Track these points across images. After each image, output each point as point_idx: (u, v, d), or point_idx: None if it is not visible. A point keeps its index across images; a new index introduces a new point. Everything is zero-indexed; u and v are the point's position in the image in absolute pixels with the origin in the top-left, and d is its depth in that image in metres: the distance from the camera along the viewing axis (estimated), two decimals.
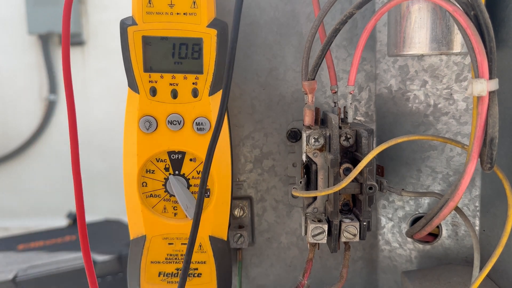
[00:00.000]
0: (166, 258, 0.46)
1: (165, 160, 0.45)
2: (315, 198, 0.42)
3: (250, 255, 0.54)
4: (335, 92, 0.44)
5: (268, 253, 0.54)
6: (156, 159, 0.44)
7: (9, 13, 1.82)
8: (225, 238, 0.47)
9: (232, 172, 0.46)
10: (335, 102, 0.44)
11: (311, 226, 0.40)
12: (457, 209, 0.40)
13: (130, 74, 0.42)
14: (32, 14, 1.79)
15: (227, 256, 0.47)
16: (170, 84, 0.42)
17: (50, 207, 1.84)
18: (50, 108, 1.84)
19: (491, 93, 0.33)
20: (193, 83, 0.42)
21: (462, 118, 0.47)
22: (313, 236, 0.40)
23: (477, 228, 0.48)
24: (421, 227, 0.40)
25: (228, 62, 0.37)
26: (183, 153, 0.44)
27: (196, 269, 0.46)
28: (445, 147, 0.48)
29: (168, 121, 0.43)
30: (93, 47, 1.82)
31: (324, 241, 0.41)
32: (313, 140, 0.41)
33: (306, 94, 0.41)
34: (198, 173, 0.45)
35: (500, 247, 0.36)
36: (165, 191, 0.46)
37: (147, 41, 0.41)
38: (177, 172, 0.45)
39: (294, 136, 0.50)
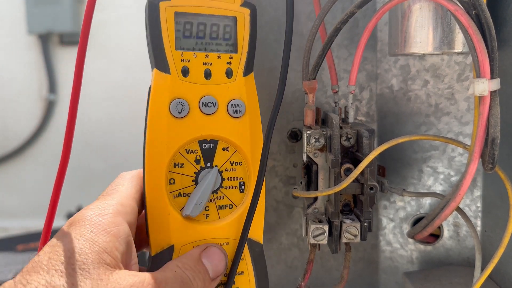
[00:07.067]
0: None
1: (196, 151, 0.39)
2: (315, 198, 0.42)
3: None
4: (336, 92, 0.44)
5: (268, 254, 0.54)
6: (186, 150, 0.38)
7: (9, 13, 1.82)
8: (261, 241, 0.40)
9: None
10: (336, 102, 0.44)
11: (311, 227, 0.40)
12: (458, 209, 0.40)
13: (159, 53, 0.38)
14: (32, 14, 1.79)
15: (264, 263, 0.41)
16: (203, 63, 0.39)
17: None
18: (49, 108, 1.84)
19: (492, 93, 0.33)
20: (227, 63, 0.39)
21: (464, 118, 0.47)
22: (314, 236, 0.40)
23: (478, 228, 0.48)
24: (422, 227, 0.40)
25: (284, 58, 0.38)
26: (215, 142, 0.39)
27: (233, 283, 0.39)
28: (447, 147, 0.48)
29: (202, 103, 0.38)
30: (93, 47, 1.82)
31: (325, 241, 0.40)
32: (313, 140, 0.40)
33: (307, 94, 0.41)
34: (232, 164, 0.40)
35: (501, 248, 0.36)
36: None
37: (180, 18, 0.38)
38: (209, 164, 0.39)
39: (295, 136, 0.50)
